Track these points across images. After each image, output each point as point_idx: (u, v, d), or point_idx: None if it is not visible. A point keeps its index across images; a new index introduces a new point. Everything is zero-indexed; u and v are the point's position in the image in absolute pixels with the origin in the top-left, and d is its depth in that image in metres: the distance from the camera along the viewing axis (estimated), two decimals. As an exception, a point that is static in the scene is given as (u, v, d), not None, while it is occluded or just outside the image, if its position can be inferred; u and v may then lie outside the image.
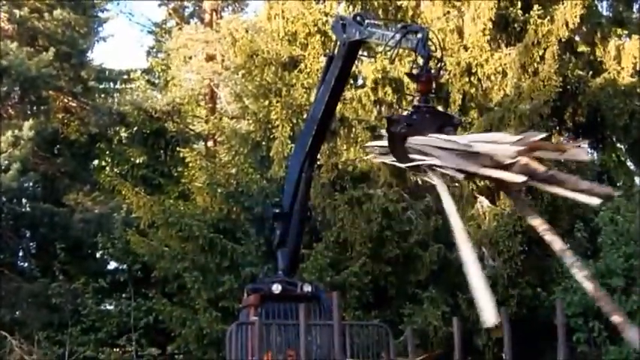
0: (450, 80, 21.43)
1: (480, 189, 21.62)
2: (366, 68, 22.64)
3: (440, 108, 17.31)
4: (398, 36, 11.37)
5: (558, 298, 17.56)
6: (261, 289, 15.58)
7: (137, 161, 29.79)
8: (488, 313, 7.79)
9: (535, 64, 21.40)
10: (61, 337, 23.10)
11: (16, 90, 26.71)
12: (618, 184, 23.16)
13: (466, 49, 21.84)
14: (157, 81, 36.08)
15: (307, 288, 15.44)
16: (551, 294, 19.12)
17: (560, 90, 20.85)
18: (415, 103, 10.41)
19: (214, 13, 35.77)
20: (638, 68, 22.45)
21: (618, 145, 23.90)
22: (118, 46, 50.60)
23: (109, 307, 24.75)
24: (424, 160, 9.29)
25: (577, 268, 8.21)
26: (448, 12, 22.29)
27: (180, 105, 31.42)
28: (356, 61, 15.57)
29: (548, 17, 21.35)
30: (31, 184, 26.81)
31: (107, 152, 30.00)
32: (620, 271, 18.29)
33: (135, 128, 29.91)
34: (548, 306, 18.75)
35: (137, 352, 22.86)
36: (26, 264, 26.96)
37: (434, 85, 10.90)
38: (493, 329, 17.54)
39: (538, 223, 8.56)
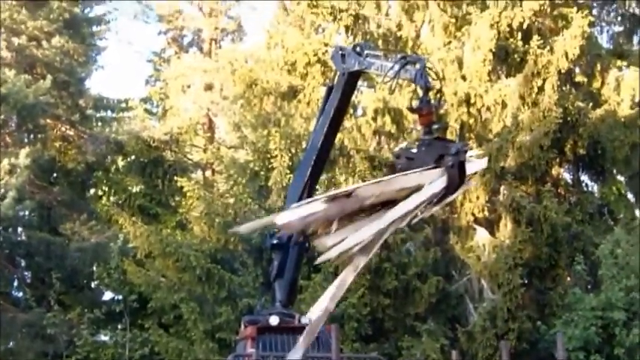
0: (447, 110, 21.35)
1: (479, 220, 21.47)
2: (366, 98, 22.59)
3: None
4: (397, 67, 11.25)
5: (559, 331, 17.38)
6: (259, 320, 15.38)
7: (134, 190, 29.60)
8: None
9: (534, 95, 21.33)
10: (56, 368, 22.91)
11: (13, 118, 26.62)
12: (618, 217, 23.02)
13: (464, 79, 21.79)
14: (155, 110, 36.04)
15: (305, 320, 15.26)
16: (552, 327, 18.94)
17: (560, 121, 20.75)
18: (421, 135, 10.37)
19: (213, 43, 35.81)
20: (637, 100, 22.38)
21: (619, 177, 23.79)
22: (117, 75, 50.64)
23: (104, 338, 24.52)
24: None
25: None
26: (449, 42, 22.24)
27: (178, 134, 31.32)
28: (355, 91, 15.46)
29: (548, 48, 21.32)
30: (27, 212, 26.62)
31: (104, 181, 29.79)
32: (621, 304, 18.17)
33: (132, 157, 29.79)
34: (549, 339, 18.57)
35: (132, 383, 22.60)
36: (21, 293, 26.73)
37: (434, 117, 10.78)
38: None
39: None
